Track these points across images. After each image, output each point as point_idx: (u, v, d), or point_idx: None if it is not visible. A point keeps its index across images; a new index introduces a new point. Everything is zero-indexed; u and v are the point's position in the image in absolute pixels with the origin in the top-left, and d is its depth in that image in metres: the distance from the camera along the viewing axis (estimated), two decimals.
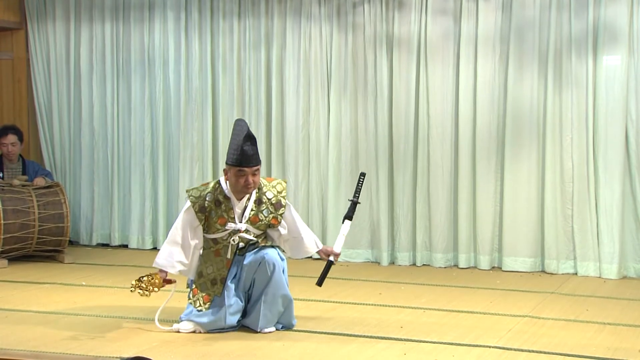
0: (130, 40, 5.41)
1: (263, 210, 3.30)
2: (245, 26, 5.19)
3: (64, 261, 4.95)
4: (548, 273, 4.63)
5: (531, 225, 4.66)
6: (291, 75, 5.08)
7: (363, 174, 3.50)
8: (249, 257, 3.30)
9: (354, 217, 3.47)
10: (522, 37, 4.64)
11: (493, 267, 4.78)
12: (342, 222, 3.48)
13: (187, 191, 3.36)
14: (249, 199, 3.29)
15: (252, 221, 3.29)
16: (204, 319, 3.27)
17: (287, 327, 3.36)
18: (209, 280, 3.31)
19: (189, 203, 3.28)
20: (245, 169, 3.20)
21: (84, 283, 4.33)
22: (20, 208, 4.80)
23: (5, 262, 4.79)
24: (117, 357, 2.93)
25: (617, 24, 4.44)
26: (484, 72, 4.71)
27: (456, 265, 4.84)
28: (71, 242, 5.36)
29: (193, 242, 3.28)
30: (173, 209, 5.39)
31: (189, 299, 3.33)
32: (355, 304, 3.87)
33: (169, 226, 5.42)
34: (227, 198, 3.28)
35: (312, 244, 3.44)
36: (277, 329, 3.34)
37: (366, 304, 3.85)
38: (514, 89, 4.67)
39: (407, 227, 4.88)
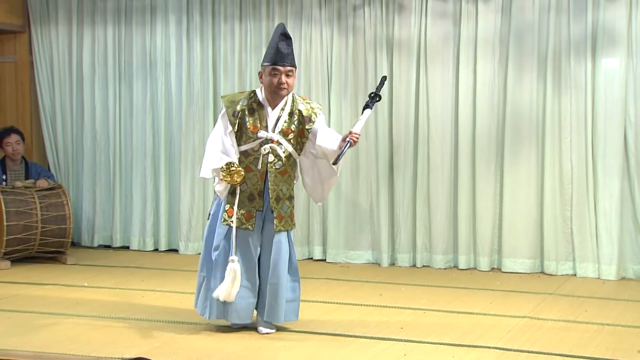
0: (132, 43, 5.44)
1: (294, 121, 3.29)
2: (247, 29, 5.22)
3: (66, 262, 4.98)
4: (547, 274, 4.65)
5: (530, 226, 4.68)
6: None
7: (384, 77, 3.50)
8: (265, 235, 3.27)
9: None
10: (522, 40, 4.67)
11: (493, 269, 4.80)
12: (362, 112, 3.38)
13: (222, 97, 3.37)
14: (282, 109, 3.28)
15: (284, 132, 3.27)
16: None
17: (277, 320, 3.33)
18: (245, 197, 3.26)
19: (224, 109, 3.28)
20: (279, 67, 3.20)
21: (86, 284, 4.35)
22: (23, 210, 4.83)
23: (8, 263, 4.82)
24: (118, 358, 2.95)
25: (616, 26, 4.47)
26: (484, 75, 4.74)
27: (456, 267, 4.86)
28: (73, 244, 5.37)
29: (233, 148, 3.24)
30: (174, 210, 5.42)
31: (224, 220, 3.26)
32: (355, 305, 3.89)
33: (170, 228, 5.46)
34: (261, 106, 3.28)
35: (334, 145, 3.25)
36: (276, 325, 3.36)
37: (366, 305, 3.88)
38: (513, 92, 4.70)
39: (407, 228, 4.91)
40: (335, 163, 3.23)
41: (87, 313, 3.68)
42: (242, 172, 3.19)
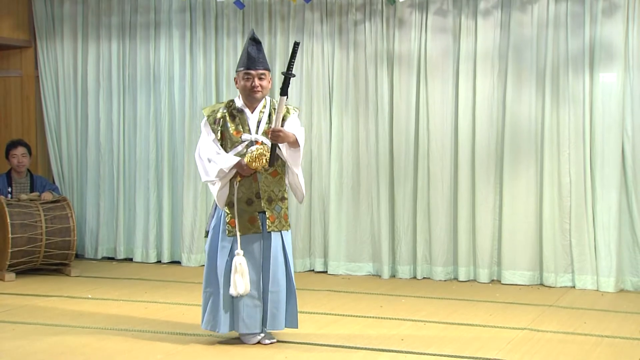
0: (136, 57, 5.51)
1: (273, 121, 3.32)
2: None
3: (70, 274, 5.02)
4: (546, 286, 4.68)
5: (530, 239, 4.72)
6: (294, 92, 5.17)
7: (297, 43, 3.25)
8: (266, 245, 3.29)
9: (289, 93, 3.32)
10: (520, 55, 4.73)
11: (492, 280, 4.83)
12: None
13: (203, 109, 3.48)
14: (262, 112, 3.35)
15: (267, 133, 3.31)
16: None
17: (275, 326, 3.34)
18: (243, 202, 3.30)
19: (205, 118, 3.37)
20: (251, 71, 3.29)
21: (89, 296, 4.39)
22: (27, 222, 4.88)
23: (13, 275, 4.86)
24: None
25: (613, 41, 4.53)
26: (483, 89, 4.80)
27: (456, 279, 4.89)
28: (77, 256, 5.41)
29: (222, 151, 3.30)
30: (177, 223, 5.46)
31: (229, 232, 3.28)
32: (356, 316, 3.92)
33: (173, 240, 5.51)
34: (240, 111, 3.35)
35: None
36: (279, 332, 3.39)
37: (367, 317, 3.91)
38: (512, 105, 4.75)
39: (407, 240, 4.94)
40: (270, 165, 3.27)
41: (91, 324, 3.72)
42: (264, 160, 3.21)
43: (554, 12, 4.64)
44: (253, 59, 3.29)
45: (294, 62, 3.26)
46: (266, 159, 3.24)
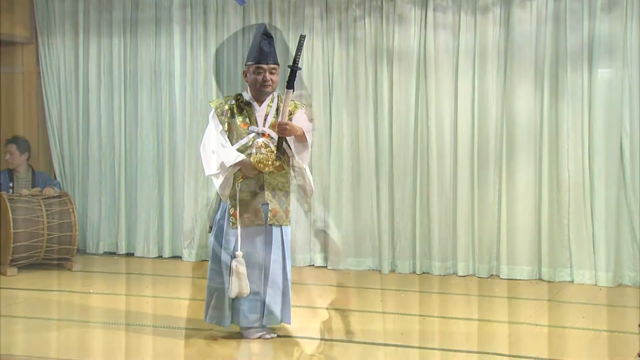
0: (137, 54, 5.52)
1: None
2: (249, 40, 5.30)
3: (72, 269, 5.03)
4: (545, 281, 4.70)
5: (528, 234, 4.75)
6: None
7: (303, 37, 3.30)
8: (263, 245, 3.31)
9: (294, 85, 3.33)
10: (520, 51, 4.75)
11: (491, 275, 4.86)
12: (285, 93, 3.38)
13: (210, 101, 3.50)
14: (269, 106, 3.37)
15: (274, 126, 3.33)
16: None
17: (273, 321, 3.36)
18: (247, 193, 3.32)
19: (212, 109, 3.38)
20: (263, 65, 3.30)
21: (91, 290, 4.42)
22: (29, 217, 4.90)
23: (15, 270, 4.88)
24: None
25: (612, 37, 4.55)
26: (482, 85, 4.81)
27: (455, 273, 4.92)
28: (78, 251, 5.43)
29: (227, 144, 3.32)
30: (178, 218, 5.48)
31: (233, 224, 3.30)
32: (356, 311, 3.94)
33: (174, 235, 5.53)
34: (248, 104, 3.37)
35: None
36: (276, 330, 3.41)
37: (367, 311, 3.93)
38: (511, 102, 4.77)
39: (407, 236, 4.97)
40: (277, 158, 3.29)
41: (93, 319, 3.74)
42: (271, 163, 3.24)
43: (553, 9, 4.66)
44: (265, 53, 3.30)
45: (300, 55, 3.28)
46: (272, 162, 3.25)
